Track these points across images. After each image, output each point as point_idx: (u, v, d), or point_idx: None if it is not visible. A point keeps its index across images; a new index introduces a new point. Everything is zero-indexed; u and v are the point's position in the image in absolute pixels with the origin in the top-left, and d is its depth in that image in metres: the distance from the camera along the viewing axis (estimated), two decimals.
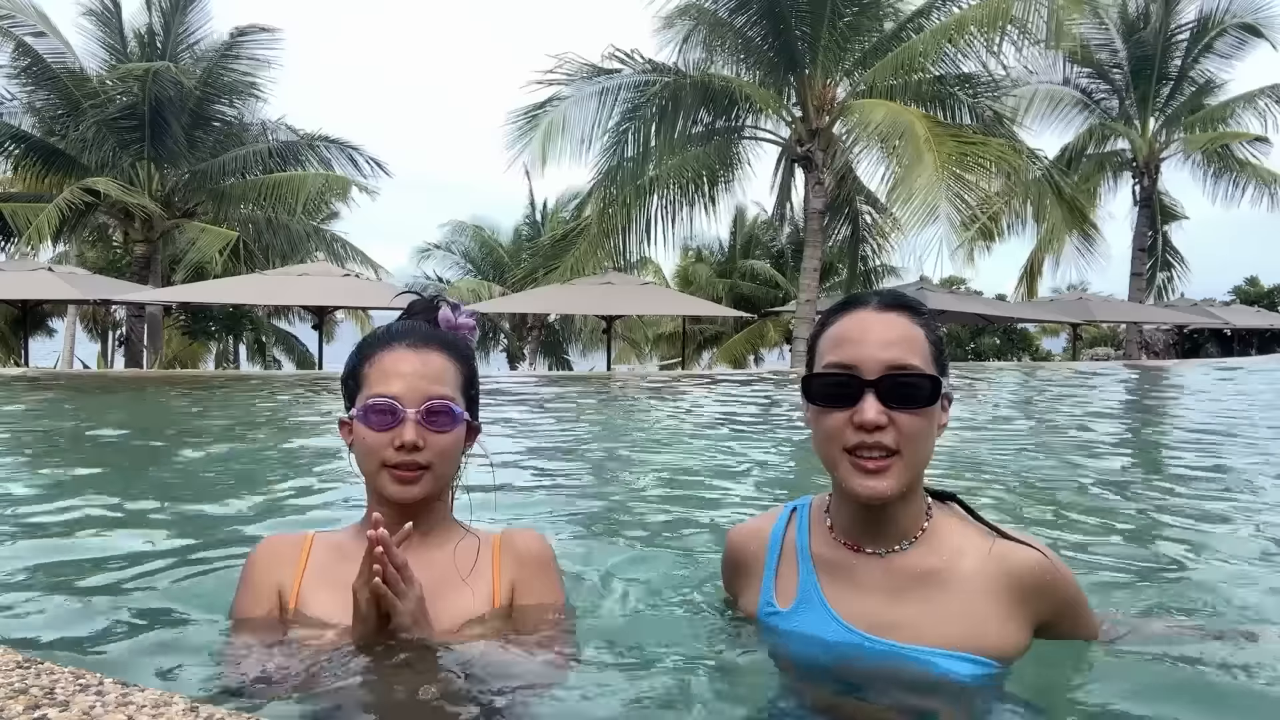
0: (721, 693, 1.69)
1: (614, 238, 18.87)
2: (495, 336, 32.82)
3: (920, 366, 1.60)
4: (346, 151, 21.09)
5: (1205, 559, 2.99)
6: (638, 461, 5.52)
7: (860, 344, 1.60)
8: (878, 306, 1.65)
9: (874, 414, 1.56)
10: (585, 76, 17.68)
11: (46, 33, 18.97)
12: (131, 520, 3.40)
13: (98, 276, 19.30)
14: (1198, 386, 12.55)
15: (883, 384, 1.58)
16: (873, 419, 1.56)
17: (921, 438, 1.61)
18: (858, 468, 1.59)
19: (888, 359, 1.58)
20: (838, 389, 1.60)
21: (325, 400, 9.65)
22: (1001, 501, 4.03)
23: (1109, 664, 1.80)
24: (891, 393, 1.57)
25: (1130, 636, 1.90)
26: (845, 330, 1.64)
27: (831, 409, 1.61)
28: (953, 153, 14.81)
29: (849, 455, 1.60)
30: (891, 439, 1.58)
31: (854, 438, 1.59)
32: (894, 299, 1.68)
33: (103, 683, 1.19)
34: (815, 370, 1.66)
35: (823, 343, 1.68)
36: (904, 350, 1.60)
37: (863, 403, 1.57)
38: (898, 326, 1.62)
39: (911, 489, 1.65)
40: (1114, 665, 1.81)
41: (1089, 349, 33.14)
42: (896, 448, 1.58)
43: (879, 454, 1.58)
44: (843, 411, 1.59)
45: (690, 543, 3.05)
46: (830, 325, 1.68)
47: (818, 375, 1.65)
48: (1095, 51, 23.65)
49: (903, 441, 1.58)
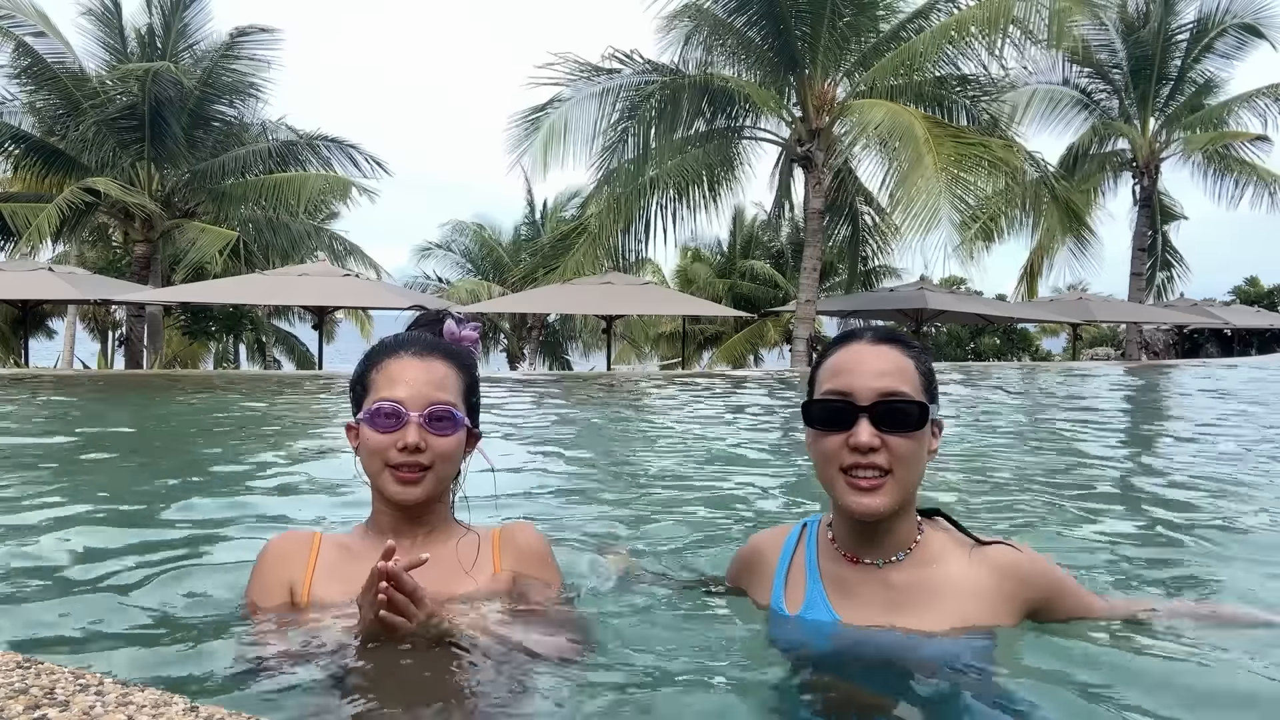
0: (728, 687, 1.74)
1: (614, 238, 18.88)
2: (495, 336, 32.82)
3: (911, 394, 1.75)
4: (346, 150, 21.09)
5: (1203, 551, 3.00)
6: (638, 462, 5.53)
7: (855, 374, 1.76)
8: (871, 340, 1.82)
9: (867, 437, 1.71)
10: (585, 77, 17.69)
11: (46, 33, 18.97)
12: (131, 520, 3.40)
13: (98, 276, 19.28)
14: (1191, 386, 12.56)
15: (875, 409, 1.73)
16: (866, 441, 1.71)
17: (912, 459, 1.75)
18: (853, 486, 1.74)
19: (880, 387, 1.74)
20: (834, 414, 1.75)
21: (326, 400, 9.66)
22: (1001, 500, 4.03)
23: (1104, 645, 1.87)
24: (884, 417, 1.73)
25: (1136, 611, 2.03)
26: (841, 361, 1.80)
27: (829, 432, 1.76)
28: (952, 153, 14.83)
29: (845, 475, 1.74)
30: (884, 460, 1.72)
31: (849, 458, 1.73)
32: (887, 334, 1.85)
33: (103, 683, 1.19)
34: (814, 397, 1.81)
35: (821, 373, 1.83)
36: (896, 379, 1.75)
37: (857, 427, 1.72)
38: (890, 358, 1.78)
39: (904, 507, 1.79)
40: (1105, 646, 1.87)
41: (1089, 349, 33.12)
42: (889, 468, 1.73)
43: (873, 474, 1.73)
44: (839, 434, 1.74)
45: (691, 543, 3.05)
46: (828, 357, 1.84)
47: (816, 401, 1.80)
48: (1095, 51, 23.64)
49: (894, 462, 1.73)
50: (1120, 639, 1.92)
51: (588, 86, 17.70)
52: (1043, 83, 24.11)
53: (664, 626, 2.06)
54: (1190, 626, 2.00)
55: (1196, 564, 2.94)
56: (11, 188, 21.51)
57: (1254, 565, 2.87)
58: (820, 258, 18.54)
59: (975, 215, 15.46)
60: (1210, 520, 3.64)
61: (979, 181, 15.56)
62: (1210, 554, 3.06)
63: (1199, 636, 1.96)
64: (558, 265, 19.28)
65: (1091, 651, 1.84)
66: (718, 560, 2.52)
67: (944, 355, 32.22)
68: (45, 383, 11.54)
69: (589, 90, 17.72)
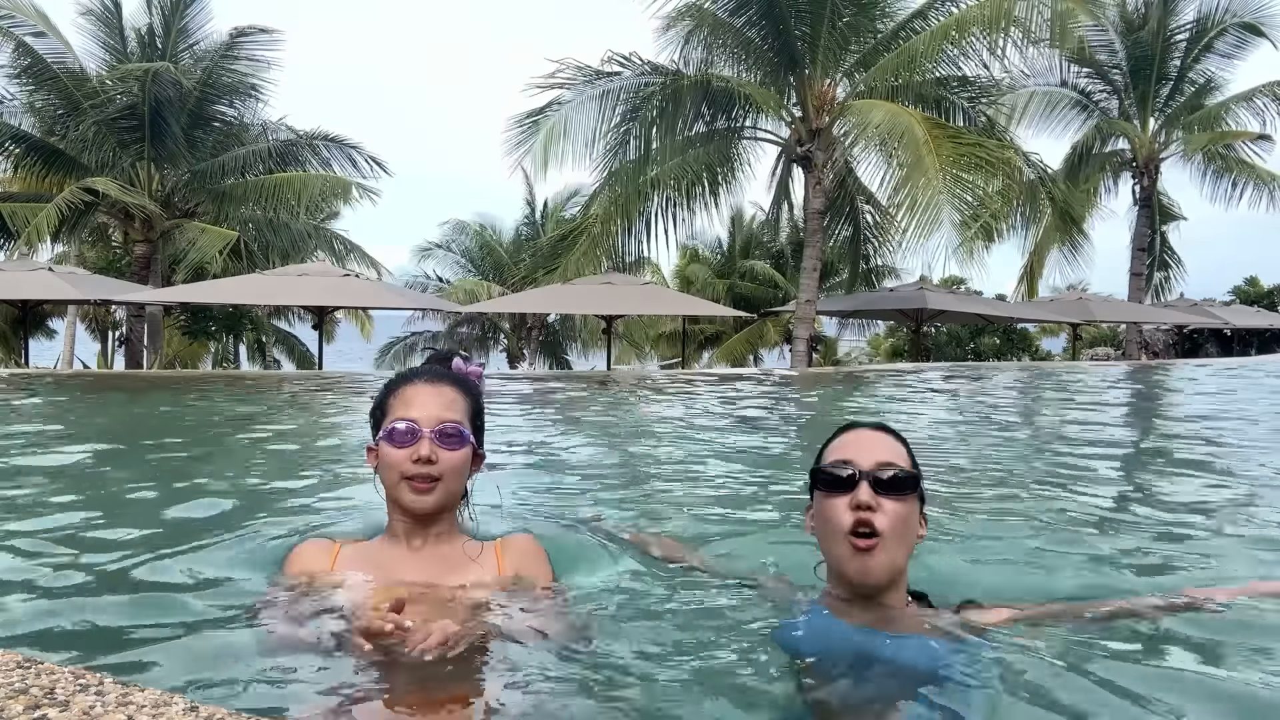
0: (734, 686, 1.80)
1: (614, 239, 18.88)
2: (495, 336, 32.82)
3: (905, 466, 2.05)
4: (346, 150, 21.07)
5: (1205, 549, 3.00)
6: (637, 460, 5.53)
7: (858, 449, 2.07)
8: (871, 428, 2.15)
9: (867, 495, 1.98)
10: (586, 80, 17.68)
11: (46, 33, 18.96)
12: (131, 520, 3.40)
13: (98, 276, 19.26)
14: (1190, 386, 12.56)
15: (875, 475, 2.01)
16: (866, 499, 1.98)
17: (905, 523, 2.01)
18: (853, 548, 1.97)
19: (878, 459, 2.03)
20: (838, 479, 2.03)
21: (325, 400, 9.66)
22: (999, 497, 4.03)
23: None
24: (881, 483, 2.00)
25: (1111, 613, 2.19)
26: (844, 442, 2.11)
27: (833, 495, 2.02)
28: (951, 154, 14.80)
29: (847, 539, 1.98)
30: (880, 522, 1.97)
31: (850, 518, 1.98)
32: (883, 425, 2.17)
33: (103, 683, 1.19)
34: (820, 466, 2.09)
35: (828, 450, 2.12)
36: (891, 455, 2.06)
37: (858, 489, 1.99)
38: (886, 442, 2.09)
39: (896, 580, 2.03)
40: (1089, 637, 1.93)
41: (1089, 349, 33.11)
42: (884, 530, 1.97)
43: (869, 534, 1.96)
44: (843, 497, 2.00)
45: (694, 542, 3.05)
46: (832, 441, 2.14)
47: (824, 469, 2.07)
48: (1095, 52, 23.63)
49: (889, 525, 1.97)
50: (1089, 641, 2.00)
51: (588, 89, 17.70)
52: (1041, 84, 24.11)
53: (664, 621, 2.08)
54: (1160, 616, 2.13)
55: (1197, 560, 2.94)
56: (11, 188, 21.50)
57: (1260, 565, 2.88)
58: (820, 258, 18.52)
59: (976, 215, 15.44)
60: (1211, 515, 3.64)
61: (979, 181, 15.55)
62: (1210, 550, 3.06)
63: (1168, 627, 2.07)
64: (557, 265, 19.27)
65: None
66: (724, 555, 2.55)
67: (944, 355, 32.22)
68: (46, 383, 11.54)
69: (589, 92, 17.72)
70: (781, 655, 1.95)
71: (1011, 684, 1.79)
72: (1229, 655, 2.00)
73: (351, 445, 5.46)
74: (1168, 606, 2.18)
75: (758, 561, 2.59)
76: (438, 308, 24.89)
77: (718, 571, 2.52)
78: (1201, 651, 2.02)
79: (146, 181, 19.52)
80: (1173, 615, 2.14)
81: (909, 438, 2.14)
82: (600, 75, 17.72)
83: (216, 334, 25.79)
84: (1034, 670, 1.85)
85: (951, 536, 3.07)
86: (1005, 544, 3.12)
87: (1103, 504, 4.09)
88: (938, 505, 3.33)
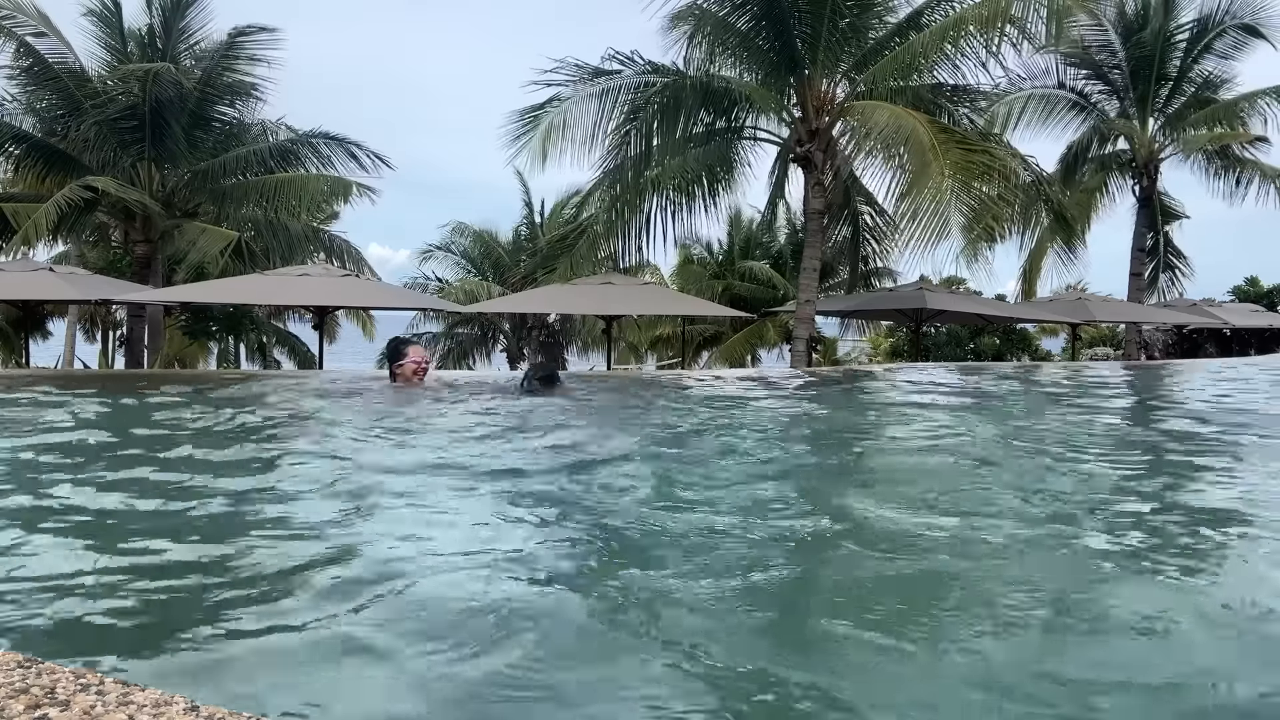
0: (739, 686, 1.81)
1: (613, 241, 18.86)
2: (495, 336, 32.82)
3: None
4: (347, 148, 21.03)
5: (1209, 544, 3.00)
6: (636, 461, 5.53)
7: None
8: None
9: None
10: (585, 78, 17.66)
11: (48, 33, 18.96)
12: (131, 520, 3.41)
13: (98, 276, 19.26)
14: (1190, 385, 12.56)
15: None
16: None
17: None
18: None
19: None
20: None
21: (326, 401, 9.64)
22: (998, 496, 4.03)
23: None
24: None
25: None
26: None
27: None
28: (959, 160, 14.72)
29: None
30: None
31: None
32: None
33: (103, 683, 1.20)
34: None
35: None
36: None
37: None
38: None
39: None
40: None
41: (1088, 349, 33.08)
42: None
43: None
44: None
45: (695, 541, 3.06)
46: None
47: None
48: (1094, 52, 23.63)
49: None
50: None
51: (587, 87, 17.67)
52: (1038, 86, 24.10)
53: (668, 628, 2.08)
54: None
55: (1202, 555, 2.94)
56: (12, 188, 21.50)
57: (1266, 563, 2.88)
58: (820, 258, 18.50)
59: (979, 218, 15.38)
60: (1213, 509, 3.64)
61: (983, 186, 15.49)
62: (1215, 541, 3.07)
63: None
64: (557, 266, 19.27)
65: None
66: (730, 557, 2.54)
67: (944, 355, 32.20)
68: (46, 382, 11.52)
69: (588, 90, 17.69)
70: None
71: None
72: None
73: (342, 449, 5.45)
74: None
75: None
76: (438, 308, 24.89)
77: None
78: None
79: (147, 181, 19.52)
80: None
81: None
82: (600, 74, 17.71)
83: (217, 334, 25.78)
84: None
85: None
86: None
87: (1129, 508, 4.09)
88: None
